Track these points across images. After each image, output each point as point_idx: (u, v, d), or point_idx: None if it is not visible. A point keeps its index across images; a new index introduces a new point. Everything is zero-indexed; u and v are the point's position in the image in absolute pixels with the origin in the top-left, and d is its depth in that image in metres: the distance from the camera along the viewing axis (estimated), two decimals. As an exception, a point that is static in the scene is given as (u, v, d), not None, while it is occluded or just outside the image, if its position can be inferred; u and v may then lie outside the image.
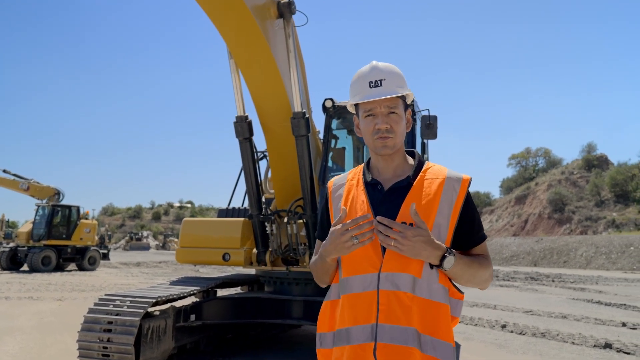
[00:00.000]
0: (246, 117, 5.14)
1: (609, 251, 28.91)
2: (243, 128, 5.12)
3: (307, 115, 4.92)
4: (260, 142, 5.51)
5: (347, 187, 1.72)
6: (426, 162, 1.68)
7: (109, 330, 4.22)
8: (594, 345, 6.50)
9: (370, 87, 1.61)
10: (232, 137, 5.24)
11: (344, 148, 5.91)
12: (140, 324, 4.27)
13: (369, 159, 1.74)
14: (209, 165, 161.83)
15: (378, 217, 1.48)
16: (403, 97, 1.65)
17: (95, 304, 4.50)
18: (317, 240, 1.82)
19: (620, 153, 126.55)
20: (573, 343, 6.68)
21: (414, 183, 1.59)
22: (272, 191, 6.04)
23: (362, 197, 1.64)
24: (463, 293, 1.61)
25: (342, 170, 5.89)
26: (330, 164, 5.51)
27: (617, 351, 6.22)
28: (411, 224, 1.51)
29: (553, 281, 17.59)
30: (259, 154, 5.67)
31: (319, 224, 1.82)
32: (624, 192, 44.07)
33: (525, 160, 64.27)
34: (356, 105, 1.68)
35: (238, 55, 4.59)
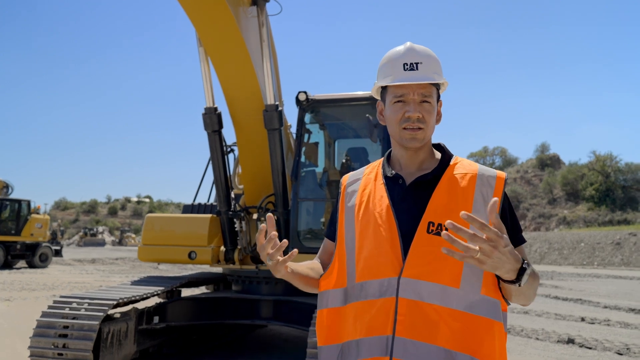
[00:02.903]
0: (215, 109, 4.92)
1: (561, 247, 30.15)
2: (212, 120, 4.89)
3: (280, 108, 4.74)
4: (229, 135, 5.30)
5: (363, 181, 1.53)
6: (454, 156, 1.51)
7: (65, 336, 3.91)
8: (558, 341, 6.64)
9: (404, 69, 1.42)
10: (192, 131, 5.14)
11: (316, 143, 5.76)
12: (100, 327, 3.99)
13: (390, 151, 1.56)
14: (168, 159, 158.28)
15: (448, 223, 1.14)
16: (437, 86, 1.47)
17: (50, 307, 4.17)
18: (325, 238, 1.64)
19: (571, 153, 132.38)
20: (537, 339, 6.80)
21: (442, 178, 1.41)
22: (241, 187, 5.82)
23: (380, 192, 1.45)
24: (509, 304, 1.42)
25: (314, 166, 5.74)
26: (302, 159, 5.34)
27: (580, 346, 6.37)
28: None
29: (511, 276, 18.08)
30: (227, 147, 5.44)
31: (329, 221, 1.64)
32: (575, 190, 46.09)
33: (483, 159, 66.18)
34: (383, 89, 1.50)
35: (208, 43, 4.36)
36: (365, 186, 1.51)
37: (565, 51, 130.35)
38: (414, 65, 1.42)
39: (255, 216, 5.18)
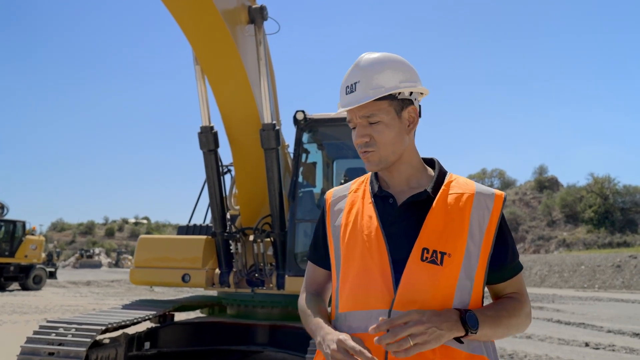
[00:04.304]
0: (212, 128, 4.84)
1: (561, 270, 29.89)
2: (208, 139, 4.81)
3: (277, 127, 4.67)
4: (225, 155, 5.22)
5: (350, 199, 1.40)
6: (449, 173, 1.38)
7: (50, 363, 3.74)
8: (562, 367, 6.44)
9: (346, 93, 1.33)
10: (191, 150, 5.00)
11: (314, 163, 5.67)
12: (87, 354, 3.82)
13: None
14: (167, 180, 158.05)
15: (374, 327, 1.12)
16: (393, 95, 1.30)
17: (35, 332, 4.00)
18: (309, 264, 1.50)
19: (569, 175, 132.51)
20: (541, 365, 6.61)
21: (436, 198, 1.29)
22: (237, 207, 5.71)
23: (369, 212, 1.32)
24: None
25: (312, 186, 5.64)
26: (300, 179, 5.25)
27: (586, 373, 6.17)
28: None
29: (512, 300, 17.83)
30: (223, 167, 5.35)
31: (312, 243, 1.50)
32: (574, 212, 46.02)
33: (481, 181, 66.35)
34: None
35: (205, 61, 4.31)
36: (352, 205, 1.38)
37: (563, 73, 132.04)
38: (353, 86, 1.31)
39: (251, 238, 5.06)
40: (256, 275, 5.03)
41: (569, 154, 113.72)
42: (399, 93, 1.31)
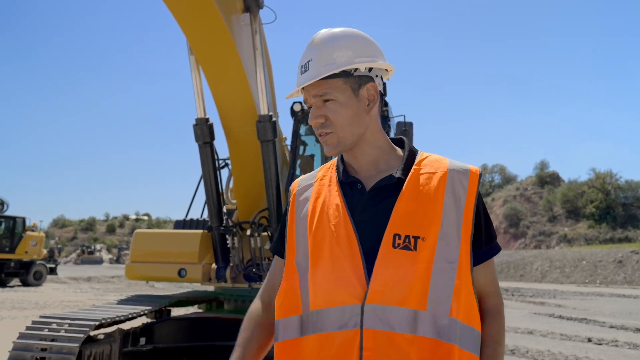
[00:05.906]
0: (207, 120, 4.75)
1: (562, 265, 29.80)
2: (203, 131, 4.72)
3: (274, 119, 4.58)
4: (221, 148, 5.13)
5: (316, 187, 1.30)
6: (419, 151, 1.29)
7: (43, 359, 3.67)
8: (565, 363, 6.37)
9: (301, 73, 1.26)
10: (192, 147, 4.84)
11: (312, 156, 5.58)
12: (81, 350, 3.74)
13: None
14: (168, 176, 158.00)
15: None
16: (348, 72, 1.21)
17: (28, 328, 3.94)
18: (275, 258, 1.39)
19: (570, 171, 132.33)
20: (543, 360, 6.54)
21: (407, 179, 1.20)
22: (234, 201, 5.62)
23: (335, 199, 1.23)
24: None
25: (311, 179, 5.56)
26: (297, 172, 5.16)
27: (588, 369, 6.10)
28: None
29: (513, 295, 17.79)
30: (220, 161, 5.26)
31: (277, 233, 1.40)
32: (575, 208, 45.91)
33: (482, 177, 66.10)
34: None
35: (200, 51, 4.22)
36: (319, 193, 1.28)
37: (564, 69, 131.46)
38: (307, 65, 1.24)
39: (248, 232, 4.98)
40: (253, 270, 4.95)
41: (570, 150, 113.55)
42: (355, 69, 1.22)
